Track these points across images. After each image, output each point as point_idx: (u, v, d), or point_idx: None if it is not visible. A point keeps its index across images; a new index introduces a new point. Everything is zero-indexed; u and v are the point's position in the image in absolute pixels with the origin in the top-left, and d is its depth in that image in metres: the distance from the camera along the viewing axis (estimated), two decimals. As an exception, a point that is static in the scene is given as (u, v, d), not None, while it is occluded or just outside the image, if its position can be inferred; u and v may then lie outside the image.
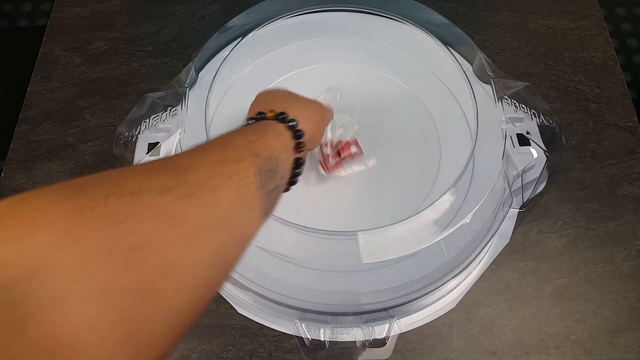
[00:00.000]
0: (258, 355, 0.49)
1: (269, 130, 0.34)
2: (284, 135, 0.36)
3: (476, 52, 0.56)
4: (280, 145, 0.34)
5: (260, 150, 0.31)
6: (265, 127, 0.35)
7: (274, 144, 0.33)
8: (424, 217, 0.44)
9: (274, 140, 0.34)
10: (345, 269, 0.49)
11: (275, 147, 0.33)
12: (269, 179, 0.31)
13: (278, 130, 0.35)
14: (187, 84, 0.53)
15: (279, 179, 0.33)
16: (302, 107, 0.41)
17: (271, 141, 0.33)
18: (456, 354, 0.49)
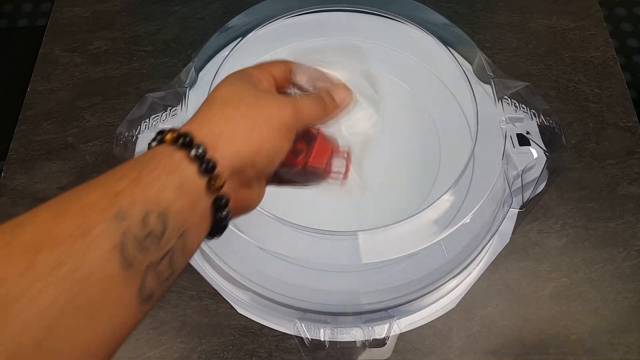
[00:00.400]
0: (258, 355, 0.49)
1: (156, 167, 0.24)
2: (183, 172, 0.24)
3: (476, 52, 0.56)
4: (172, 188, 0.24)
5: (128, 207, 0.22)
6: (151, 161, 0.24)
7: (161, 190, 0.23)
8: (424, 217, 0.44)
9: (161, 183, 0.23)
10: (345, 269, 0.49)
11: (163, 195, 0.23)
12: (145, 248, 0.22)
13: (172, 163, 0.24)
14: (187, 84, 0.53)
15: (175, 239, 0.23)
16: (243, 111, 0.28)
17: (154, 186, 0.23)
18: (456, 354, 0.49)
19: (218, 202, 0.26)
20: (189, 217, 0.24)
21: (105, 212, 0.21)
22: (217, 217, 0.27)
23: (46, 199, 0.21)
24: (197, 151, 0.25)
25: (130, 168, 0.24)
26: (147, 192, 0.23)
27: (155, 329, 0.50)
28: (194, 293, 0.52)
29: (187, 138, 0.25)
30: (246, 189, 0.29)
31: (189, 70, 0.54)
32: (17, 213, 0.20)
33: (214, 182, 0.25)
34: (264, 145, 0.28)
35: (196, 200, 0.25)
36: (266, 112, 0.28)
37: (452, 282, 0.49)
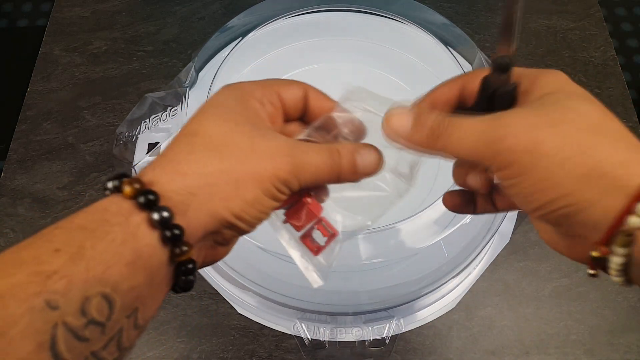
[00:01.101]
0: (258, 355, 0.49)
1: (105, 236, 0.19)
2: (140, 241, 0.20)
3: (476, 52, 0.56)
4: (123, 264, 0.19)
5: (62, 292, 0.17)
6: (100, 226, 0.20)
7: (108, 267, 0.19)
8: (424, 217, 0.44)
9: (110, 258, 0.19)
10: (345, 269, 0.49)
11: (110, 273, 0.19)
12: (84, 339, 0.18)
13: (127, 230, 0.20)
14: (187, 84, 0.53)
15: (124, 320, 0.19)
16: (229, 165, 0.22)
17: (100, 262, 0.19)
18: (456, 354, 0.49)
19: (182, 269, 0.22)
20: (143, 292, 0.20)
21: (31, 300, 0.17)
22: (181, 282, 0.22)
23: (46, 199, 0.21)
24: (160, 215, 0.20)
25: (71, 236, 0.19)
26: (89, 272, 0.18)
27: (155, 329, 0.50)
28: (194, 293, 0.52)
29: (150, 196, 0.20)
30: (219, 247, 0.25)
31: (189, 70, 0.54)
32: (17, 213, 0.20)
33: (180, 251, 0.21)
34: (248, 209, 0.23)
35: (155, 273, 0.20)
36: (257, 166, 0.23)
37: (452, 282, 0.49)
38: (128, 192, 0.21)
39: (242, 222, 0.23)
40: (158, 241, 0.20)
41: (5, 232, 0.54)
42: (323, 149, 0.25)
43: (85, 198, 0.56)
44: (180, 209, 0.21)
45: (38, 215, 0.55)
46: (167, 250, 0.21)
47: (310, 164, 0.24)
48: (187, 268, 0.22)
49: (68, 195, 0.57)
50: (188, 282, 0.22)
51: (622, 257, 0.20)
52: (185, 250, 0.21)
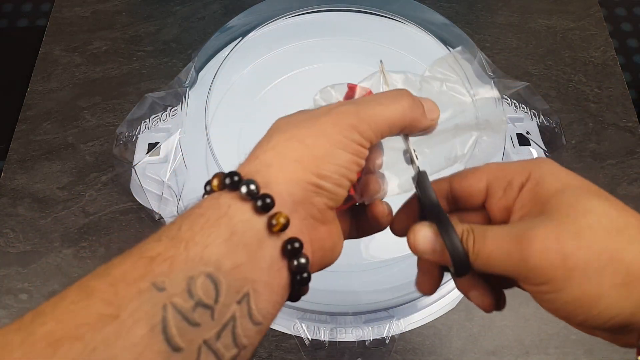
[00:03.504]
0: (258, 355, 0.49)
1: (199, 219, 0.20)
2: (233, 217, 0.20)
3: (476, 52, 0.56)
4: (221, 240, 0.19)
5: (166, 273, 0.18)
6: (194, 213, 0.20)
7: (207, 245, 0.19)
8: (424, 217, 0.44)
9: (207, 236, 0.19)
10: (345, 269, 0.49)
11: (210, 251, 0.19)
12: (195, 324, 0.18)
13: (219, 210, 0.20)
14: (187, 84, 0.53)
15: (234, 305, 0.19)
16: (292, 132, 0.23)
17: (198, 242, 0.19)
18: (456, 354, 0.49)
19: (288, 248, 0.21)
20: (250, 273, 0.19)
21: (138, 283, 0.17)
22: (293, 267, 0.21)
23: (46, 199, 0.21)
24: (247, 188, 0.21)
25: (169, 226, 0.20)
26: (189, 251, 0.18)
27: (155, 329, 0.50)
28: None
29: (234, 177, 0.21)
30: (321, 225, 0.23)
31: (189, 70, 0.54)
32: (17, 213, 0.20)
33: (276, 221, 0.20)
34: (323, 165, 0.22)
35: (257, 249, 0.20)
36: (318, 125, 0.23)
37: (452, 282, 0.49)
38: (216, 184, 0.22)
39: (323, 180, 0.22)
40: (251, 214, 0.21)
41: (5, 232, 0.54)
42: (386, 94, 0.25)
43: (85, 198, 0.56)
44: (263, 182, 0.21)
45: (38, 215, 0.55)
46: (263, 221, 0.21)
47: (376, 109, 0.24)
48: (294, 247, 0.21)
49: (68, 195, 0.57)
50: (301, 267, 0.21)
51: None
52: (281, 218, 0.21)
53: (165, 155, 0.50)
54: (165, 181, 0.49)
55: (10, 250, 0.53)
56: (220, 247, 0.19)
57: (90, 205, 0.56)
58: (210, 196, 0.22)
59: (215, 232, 0.19)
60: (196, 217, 0.20)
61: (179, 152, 0.49)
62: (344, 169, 0.23)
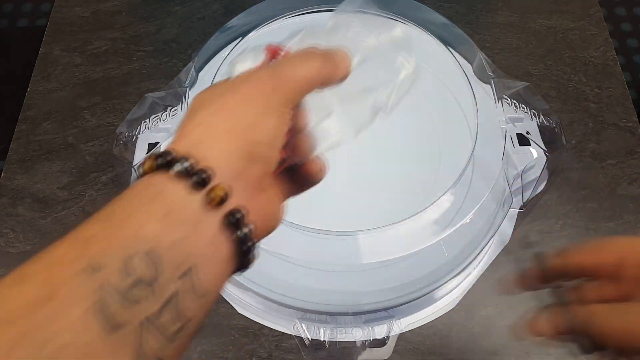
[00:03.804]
0: (258, 355, 0.49)
1: (133, 200, 0.20)
2: (168, 195, 0.20)
3: (476, 52, 0.56)
4: (157, 218, 0.19)
5: (101, 253, 0.18)
6: (127, 194, 0.20)
7: (143, 224, 0.19)
8: (424, 217, 0.44)
9: (142, 216, 0.19)
10: (345, 269, 0.49)
11: (147, 229, 0.19)
12: (134, 301, 0.17)
13: (153, 190, 0.20)
14: (187, 84, 0.53)
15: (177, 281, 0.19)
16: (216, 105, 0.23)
17: (133, 221, 0.19)
18: (456, 354, 0.49)
19: (230, 219, 0.21)
20: (191, 248, 0.19)
21: (73, 265, 0.17)
22: (236, 238, 0.21)
23: (46, 199, 0.21)
24: (182, 165, 0.20)
25: (104, 209, 0.20)
26: (124, 231, 0.18)
27: (155, 329, 0.50)
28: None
29: (167, 156, 0.21)
30: (260, 192, 0.23)
31: (189, 70, 0.54)
32: (18, 213, 0.20)
33: (214, 194, 0.20)
34: (253, 131, 0.22)
35: (196, 224, 0.20)
36: (240, 93, 0.23)
37: (452, 282, 0.49)
38: (148, 166, 0.21)
39: (255, 146, 0.23)
40: (188, 191, 0.20)
41: (5, 232, 0.54)
42: (298, 54, 0.26)
43: (85, 198, 0.56)
44: (197, 158, 0.21)
45: (38, 215, 0.55)
46: (200, 197, 0.20)
47: (293, 69, 0.24)
48: (236, 218, 0.21)
49: (68, 195, 0.57)
50: (245, 238, 0.21)
51: None
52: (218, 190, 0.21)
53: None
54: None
55: (10, 250, 0.53)
56: (156, 225, 0.19)
57: (90, 205, 0.56)
58: (142, 179, 0.21)
59: (151, 211, 0.19)
60: (130, 199, 0.20)
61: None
62: (273, 132, 0.23)
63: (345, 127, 0.29)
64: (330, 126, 0.28)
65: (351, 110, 0.29)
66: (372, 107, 0.29)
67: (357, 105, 0.29)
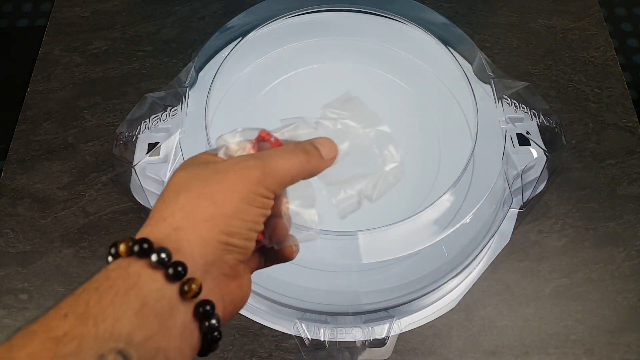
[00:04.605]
0: (258, 355, 0.49)
1: (108, 291, 0.20)
2: (144, 287, 0.20)
3: (476, 52, 0.56)
4: (132, 313, 0.19)
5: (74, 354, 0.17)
6: (103, 284, 0.20)
7: (117, 319, 0.19)
8: (424, 217, 0.44)
9: (117, 310, 0.19)
10: (345, 269, 0.49)
11: (120, 325, 0.19)
12: None
13: (128, 280, 0.20)
14: (187, 84, 0.53)
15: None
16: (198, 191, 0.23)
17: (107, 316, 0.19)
18: (456, 354, 0.49)
19: (200, 311, 0.21)
20: (162, 342, 0.19)
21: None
22: (205, 328, 0.21)
23: (46, 199, 0.21)
24: (158, 256, 0.20)
25: (77, 299, 0.19)
26: (98, 328, 0.18)
27: (155, 329, 0.50)
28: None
29: (143, 244, 0.21)
30: (232, 280, 0.24)
31: (189, 70, 0.54)
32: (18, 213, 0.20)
33: (188, 288, 0.21)
34: (233, 222, 0.23)
35: (168, 317, 0.20)
36: (227, 181, 0.23)
37: (452, 282, 0.49)
38: (123, 250, 0.21)
39: (233, 237, 0.23)
40: (163, 283, 0.20)
41: (5, 232, 0.54)
42: (285, 148, 0.26)
43: (85, 198, 0.56)
44: (174, 247, 0.21)
45: (38, 215, 0.55)
46: (175, 289, 0.21)
47: (280, 162, 0.25)
48: (206, 310, 0.21)
49: (68, 195, 0.57)
50: (212, 328, 0.21)
51: None
52: (193, 285, 0.21)
53: (165, 155, 0.50)
54: (165, 181, 0.49)
55: (10, 250, 0.53)
56: (131, 319, 0.19)
57: (90, 205, 0.56)
58: (118, 264, 0.21)
59: (126, 304, 0.19)
60: (105, 290, 0.19)
61: (179, 152, 0.49)
62: (251, 223, 0.24)
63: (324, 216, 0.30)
64: (311, 216, 0.29)
65: (338, 194, 0.30)
66: (358, 194, 0.30)
67: (344, 191, 0.30)
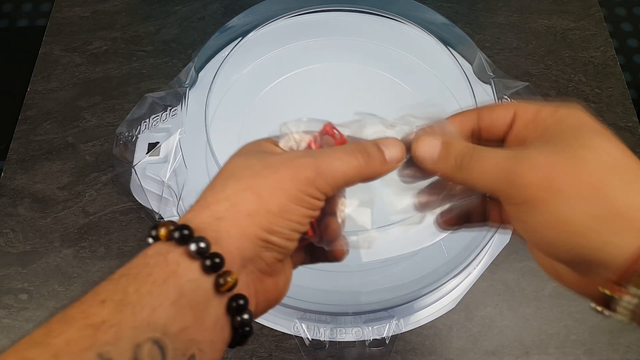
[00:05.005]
0: (258, 355, 0.49)
1: (146, 279, 0.19)
2: (182, 277, 0.20)
3: (476, 52, 0.56)
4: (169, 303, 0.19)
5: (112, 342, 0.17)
6: (141, 270, 0.20)
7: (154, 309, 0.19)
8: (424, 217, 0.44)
9: (155, 299, 0.19)
10: (345, 269, 0.49)
11: (158, 315, 0.19)
12: None
13: (167, 268, 0.20)
14: (187, 84, 0.53)
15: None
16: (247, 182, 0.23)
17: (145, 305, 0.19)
18: (456, 354, 0.49)
19: (233, 305, 0.21)
20: (196, 334, 0.19)
21: (84, 355, 0.17)
22: (236, 323, 0.21)
23: (46, 199, 0.21)
24: (197, 245, 0.20)
25: (115, 285, 0.19)
26: (136, 316, 0.18)
27: (155, 329, 0.50)
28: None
29: (184, 231, 0.21)
30: (268, 277, 0.24)
31: (189, 70, 0.54)
32: (18, 213, 0.20)
33: (224, 281, 0.20)
34: (276, 220, 0.22)
35: (203, 309, 0.20)
36: (276, 176, 0.22)
37: (452, 282, 0.49)
38: (163, 234, 0.21)
39: (274, 235, 0.22)
40: (200, 273, 0.20)
41: (5, 232, 0.54)
42: (343, 148, 0.25)
43: (85, 198, 0.56)
44: (214, 237, 0.21)
45: (38, 215, 0.55)
46: (211, 281, 0.20)
47: (334, 163, 0.23)
48: (239, 304, 0.21)
49: (68, 195, 0.57)
50: (244, 323, 0.21)
51: (636, 298, 0.21)
52: (229, 279, 0.21)
53: (165, 155, 0.50)
54: (165, 181, 0.49)
55: (10, 250, 0.53)
56: (168, 309, 0.19)
57: (90, 205, 0.56)
58: (157, 249, 0.21)
59: (164, 293, 0.19)
60: (144, 277, 0.19)
61: (179, 152, 0.49)
62: (295, 224, 0.23)
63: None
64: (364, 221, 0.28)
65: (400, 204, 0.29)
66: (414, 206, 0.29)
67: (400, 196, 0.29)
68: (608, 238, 0.20)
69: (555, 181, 0.21)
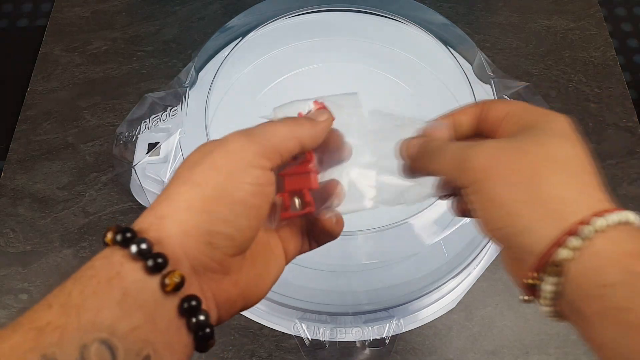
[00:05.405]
0: (258, 355, 0.49)
1: (90, 280, 0.19)
2: (125, 277, 0.19)
3: (476, 52, 0.56)
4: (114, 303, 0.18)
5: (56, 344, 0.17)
6: (86, 273, 0.19)
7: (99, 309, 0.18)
8: (424, 217, 0.44)
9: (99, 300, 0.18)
10: (345, 269, 0.49)
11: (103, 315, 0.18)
12: None
13: (111, 270, 0.19)
14: (187, 84, 0.53)
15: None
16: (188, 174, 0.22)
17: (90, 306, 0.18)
18: (456, 354, 0.49)
19: (185, 306, 0.20)
20: (149, 335, 0.19)
21: (27, 357, 0.17)
22: (192, 324, 0.20)
23: (46, 199, 0.21)
24: (138, 247, 0.20)
25: (61, 289, 0.19)
26: (80, 317, 0.18)
27: (155, 329, 0.50)
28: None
29: (126, 233, 0.20)
30: (223, 276, 0.22)
31: (189, 70, 0.54)
32: (17, 213, 0.20)
33: (169, 281, 0.20)
34: (216, 207, 0.21)
35: (153, 310, 0.19)
36: (209, 158, 0.21)
37: (452, 282, 0.49)
38: (109, 238, 0.21)
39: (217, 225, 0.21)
40: (144, 274, 0.20)
41: (5, 232, 0.54)
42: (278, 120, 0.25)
43: (85, 198, 0.56)
44: (156, 237, 0.21)
45: (38, 215, 0.55)
46: (157, 281, 0.20)
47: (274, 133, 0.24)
48: (191, 305, 0.20)
49: (68, 195, 0.57)
50: (200, 324, 0.20)
51: (552, 286, 0.21)
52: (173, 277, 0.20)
53: (165, 155, 0.50)
54: (165, 181, 0.49)
55: (10, 250, 0.53)
56: (113, 310, 0.18)
57: (90, 205, 0.56)
58: (103, 253, 0.20)
59: (108, 293, 0.19)
60: (87, 279, 0.19)
61: (179, 152, 0.49)
62: (241, 207, 0.21)
63: None
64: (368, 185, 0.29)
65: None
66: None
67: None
68: (530, 224, 0.21)
69: (496, 166, 0.22)
